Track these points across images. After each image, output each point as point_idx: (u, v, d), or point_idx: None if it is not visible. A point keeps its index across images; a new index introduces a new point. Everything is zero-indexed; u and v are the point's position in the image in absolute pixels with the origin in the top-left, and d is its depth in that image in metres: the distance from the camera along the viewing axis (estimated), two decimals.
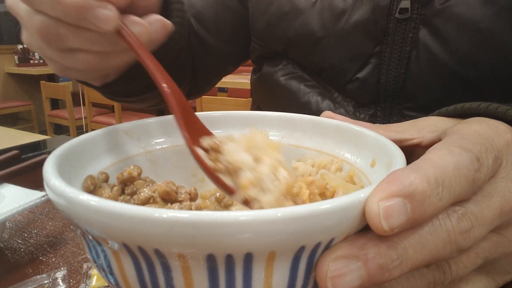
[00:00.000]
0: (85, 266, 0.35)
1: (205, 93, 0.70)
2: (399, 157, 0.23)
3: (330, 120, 0.31)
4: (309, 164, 0.31)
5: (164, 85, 0.27)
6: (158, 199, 0.25)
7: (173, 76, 0.29)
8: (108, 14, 0.27)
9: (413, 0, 0.42)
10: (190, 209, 0.25)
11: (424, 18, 0.42)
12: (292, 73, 0.53)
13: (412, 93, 0.45)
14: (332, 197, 0.26)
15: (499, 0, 0.38)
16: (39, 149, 0.81)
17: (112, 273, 0.19)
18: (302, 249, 0.17)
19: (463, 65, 0.41)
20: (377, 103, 0.47)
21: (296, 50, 0.52)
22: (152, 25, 0.30)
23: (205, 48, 0.58)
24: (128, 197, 0.26)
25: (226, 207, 0.32)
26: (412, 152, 0.27)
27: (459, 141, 0.21)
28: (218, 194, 0.33)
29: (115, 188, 0.26)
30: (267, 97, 0.59)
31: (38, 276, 0.34)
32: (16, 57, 4.32)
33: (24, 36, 0.32)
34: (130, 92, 0.45)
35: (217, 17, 0.57)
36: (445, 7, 0.41)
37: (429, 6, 0.42)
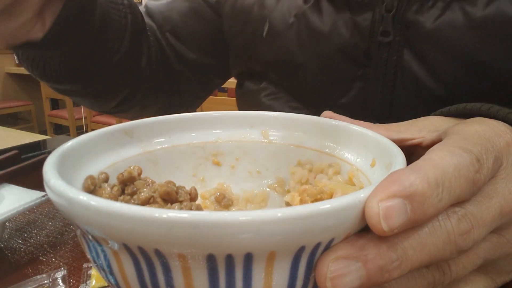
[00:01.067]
0: (85, 266, 0.35)
1: (197, 107, 0.69)
2: (399, 157, 0.23)
3: (330, 120, 0.31)
4: (307, 168, 0.31)
5: None
6: (159, 199, 0.25)
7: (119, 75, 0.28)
8: None
9: (394, 22, 0.40)
10: (190, 209, 0.25)
11: (408, 41, 0.40)
12: (275, 94, 0.52)
13: (400, 116, 0.43)
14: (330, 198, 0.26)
15: (489, 26, 0.36)
16: (39, 149, 0.81)
17: (112, 273, 0.19)
18: (302, 249, 0.17)
19: (450, 91, 0.40)
20: None
21: (276, 73, 0.50)
22: None
23: (184, 62, 0.56)
24: (128, 197, 0.26)
25: (226, 207, 0.32)
26: (412, 152, 0.27)
27: (459, 142, 0.21)
28: (218, 194, 0.33)
29: (115, 188, 0.26)
30: None
31: (38, 276, 0.34)
32: (16, 57, 4.30)
33: None
34: (54, 68, 0.44)
35: (193, 29, 0.55)
36: (429, 31, 0.39)
37: (413, 29, 0.40)
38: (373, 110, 0.44)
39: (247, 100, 0.57)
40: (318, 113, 0.49)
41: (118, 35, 0.48)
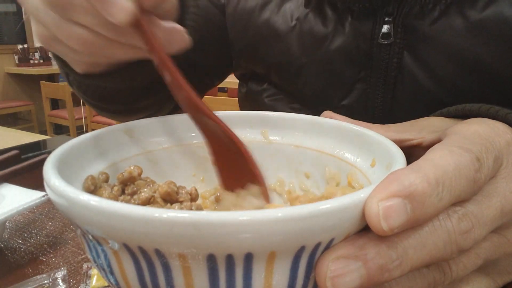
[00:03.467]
0: (85, 266, 0.35)
1: None
2: (399, 157, 0.23)
3: (330, 120, 0.31)
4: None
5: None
6: (159, 199, 0.25)
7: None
8: (124, 6, 0.23)
9: (395, 25, 0.41)
10: (191, 209, 0.25)
11: (408, 44, 0.41)
12: (276, 95, 0.52)
13: (401, 118, 0.43)
14: None
15: (487, 28, 0.37)
16: (39, 149, 0.81)
17: (112, 273, 0.19)
18: (302, 249, 0.17)
19: (449, 93, 0.40)
20: None
21: (278, 75, 0.51)
22: (172, 35, 0.28)
23: (188, 63, 0.56)
24: (129, 197, 0.26)
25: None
26: (412, 152, 0.27)
27: (459, 141, 0.21)
28: (218, 194, 0.33)
29: (115, 188, 0.26)
30: None
31: (38, 276, 0.34)
32: (16, 57, 4.32)
33: None
34: (110, 93, 0.43)
35: (199, 32, 0.55)
36: (428, 34, 0.39)
37: (412, 32, 0.40)
38: (373, 111, 0.45)
39: (249, 100, 0.57)
40: (319, 115, 0.49)
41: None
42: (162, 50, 0.26)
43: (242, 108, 0.62)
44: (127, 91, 0.42)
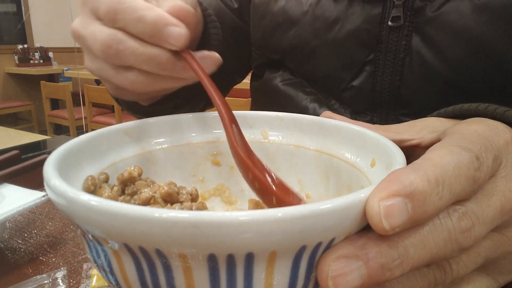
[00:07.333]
0: (85, 266, 0.35)
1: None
2: (399, 157, 0.23)
3: (330, 120, 0.31)
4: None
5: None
6: (159, 200, 0.25)
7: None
8: (181, 32, 0.28)
9: (405, 8, 0.42)
10: (191, 209, 0.25)
11: (417, 26, 0.42)
12: (289, 79, 0.54)
13: (408, 100, 0.45)
14: None
15: (491, 8, 0.38)
16: (39, 149, 0.81)
17: (112, 273, 0.19)
18: (303, 249, 0.17)
19: (456, 73, 0.41)
20: (373, 110, 0.47)
21: (292, 60, 0.53)
22: (205, 60, 0.31)
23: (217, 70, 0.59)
24: (129, 197, 0.26)
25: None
26: (411, 152, 0.27)
27: (458, 141, 0.21)
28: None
29: (115, 188, 0.26)
30: (266, 102, 0.59)
31: (38, 276, 0.34)
32: (16, 57, 4.33)
33: (87, 60, 0.33)
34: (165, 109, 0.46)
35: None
36: (436, 15, 0.41)
37: (421, 14, 0.42)
38: (381, 93, 0.46)
39: (262, 89, 0.59)
40: (329, 98, 0.51)
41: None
42: (206, 74, 0.30)
43: (254, 100, 0.64)
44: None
